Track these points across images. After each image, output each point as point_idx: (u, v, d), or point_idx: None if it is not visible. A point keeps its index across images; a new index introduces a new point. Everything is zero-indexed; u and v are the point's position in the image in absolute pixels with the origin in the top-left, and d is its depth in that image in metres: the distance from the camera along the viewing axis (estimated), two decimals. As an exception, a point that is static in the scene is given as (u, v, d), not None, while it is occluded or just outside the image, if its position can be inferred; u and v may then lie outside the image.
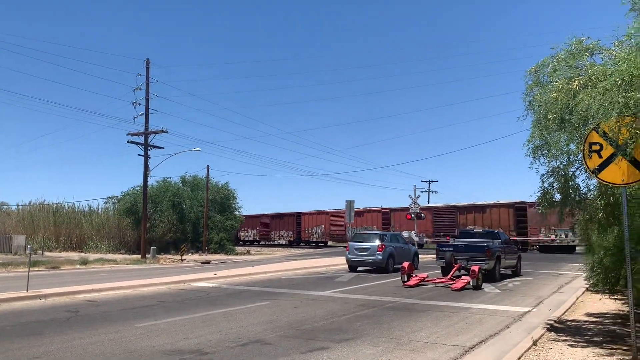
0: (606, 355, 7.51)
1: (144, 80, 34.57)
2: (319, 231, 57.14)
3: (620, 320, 10.59)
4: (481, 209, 45.06)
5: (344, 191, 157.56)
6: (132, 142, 34.02)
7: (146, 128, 34.18)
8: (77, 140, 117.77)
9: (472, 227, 36.16)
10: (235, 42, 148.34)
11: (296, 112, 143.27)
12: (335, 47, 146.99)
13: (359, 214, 52.16)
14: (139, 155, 34.45)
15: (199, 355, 7.22)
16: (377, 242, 22.28)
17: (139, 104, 34.54)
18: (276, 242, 62.35)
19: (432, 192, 70.36)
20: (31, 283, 13.98)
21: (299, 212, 59.81)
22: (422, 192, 65.95)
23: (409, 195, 38.97)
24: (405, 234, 37.81)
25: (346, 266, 23.61)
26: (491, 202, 45.57)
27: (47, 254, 39.16)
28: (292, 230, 60.14)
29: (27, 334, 8.62)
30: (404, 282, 17.00)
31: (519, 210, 42.50)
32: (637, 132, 6.60)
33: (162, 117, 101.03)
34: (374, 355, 7.35)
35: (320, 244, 57.79)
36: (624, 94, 6.35)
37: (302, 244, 58.77)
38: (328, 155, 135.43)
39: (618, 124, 6.80)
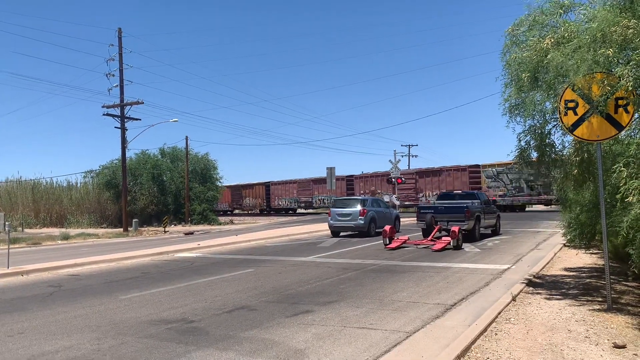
0: (582, 306, 7.75)
1: (116, 50, 33.83)
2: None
3: (596, 274, 10.89)
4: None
5: (324, 158, 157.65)
6: (107, 114, 33.47)
7: (121, 100, 33.57)
8: (51, 114, 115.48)
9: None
10: (210, 9, 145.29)
11: (274, 79, 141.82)
12: (312, 11, 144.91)
13: (250, 186, 64.38)
14: (115, 127, 34.01)
15: (184, 323, 7.28)
16: (358, 207, 22.45)
17: (113, 75, 33.90)
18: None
19: (412, 156, 70.55)
20: (12, 260, 13.87)
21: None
22: (402, 156, 66.22)
23: (390, 160, 39.24)
24: (386, 198, 38.10)
25: (329, 232, 23.81)
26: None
27: (27, 230, 38.74)
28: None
29: (10, 310, 8.58)
30: (385, 245, 17.22)
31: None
32: (609, 89, 6.66)
33: (138, 88, 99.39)
34: (357, 316, 7.48)
35: None
36: (594, 51, 6.39)
37: None
38: (307, 122, 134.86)
39: (589, 82, 6.86)
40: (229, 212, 65.78)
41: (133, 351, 5.96)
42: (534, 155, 9.04)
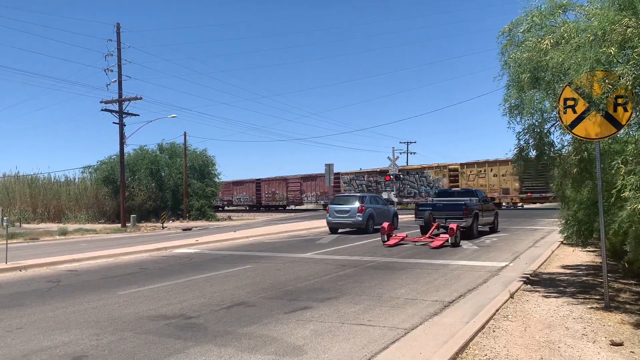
0: (580, 304, 7.78)
1: (115, 46, 33.73)
2: None
3: (593, 271, 10.93)
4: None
5: (321, 155, 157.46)
6: (106, 109, 33.37)
7: (120, 95, 33.50)
8: (49, 109, 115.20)
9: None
10: (209, 5, 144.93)
11: (273, 75, 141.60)
12: (311, 8, 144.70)
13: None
14: (114, 123, 33.89)
15: (183, 319, 7.29)
16: (357, 204, 22.46)
17: (112, 71, 33.76)
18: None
19: (411, 153, 70.85)
20: (10, 255, 13.86)
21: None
22: (401, 153, 66.45)
23: (388, 157, 39.28)
24: (384, 195, 38.15)
25: (327, 228, 23.83)
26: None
27: (24, 225, 38.68)
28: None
29: (8, 305, 8.59)
30: (384, 241, 17.25)
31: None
32: (609, 87, 6.67)
33: (136, 83, 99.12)
34: (356, 313, 7.50)
35: None
36: (595, 49, 6.39)
37: None
38: (306, 119, 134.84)
39: (590, 81, 6.87)
40: None
41: (132, 347, 5.98)
42: (533, 153, 9.06)
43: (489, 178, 42.26)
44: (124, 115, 33.69)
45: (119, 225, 34.07)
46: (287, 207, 60.51)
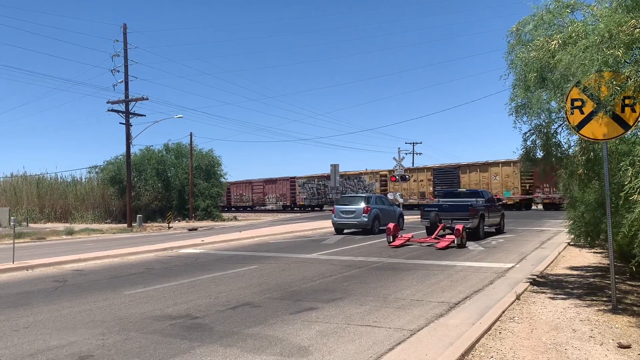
0: (587, 306, 7.73)
1: (121, 46, 33.89)
2: None
3: (600, 273, 10.86)
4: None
5: (327, 155, 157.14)
6: (112, 110, 33.56)
7: (126, 96, 33.64)
8: (56, 109, 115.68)
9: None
10: (215, 6, 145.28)
11: (278, 76, 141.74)
12: (318, 8, 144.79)
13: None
14: (120, 123, 34.11)
15: (188, 319, 7.30)
16: (362, 205, 22.42)
17: (118, 71, 33.98)
18: None
19: (417, 153, 70.70)
20: (17, 254, 13.94)
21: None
22: (406, 154, 66.37)
23: (394, 158, 39.20)
24: (390, 195, 38.06)
25: (332, 229, 23.81)
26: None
27: (31, 225, 38.92)
28: None
29: (15, 305, 8.63)
30: (389, 242, 17.21)
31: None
32: (617, 89, 6.62)
33: (143, 83, 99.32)
34: (361, 314, 7.48)
35: None
36: (602, 51, 6.36)
37: None
38: (311, 119, 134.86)
39: (597, 82, 6.83)
40: None
41: (137, 347, 5.99)
42: (540, 154, 9.02)
43: (410, 183, 47.75)
44: (130, 116, 33.87)
45: (125, 225, 34.22)
46: (254, 208, 64.72)
